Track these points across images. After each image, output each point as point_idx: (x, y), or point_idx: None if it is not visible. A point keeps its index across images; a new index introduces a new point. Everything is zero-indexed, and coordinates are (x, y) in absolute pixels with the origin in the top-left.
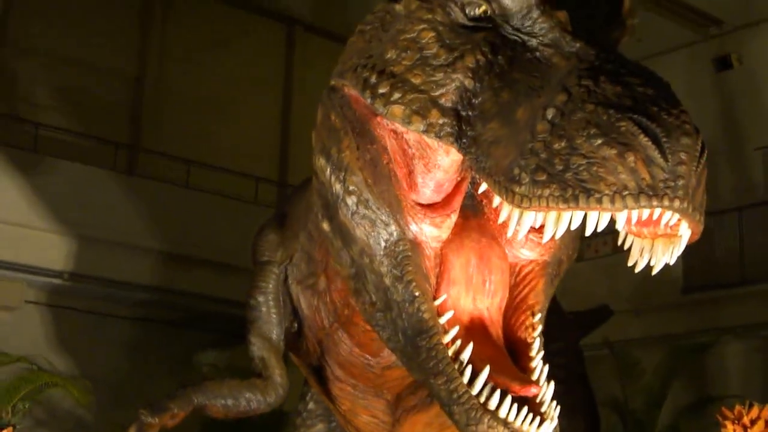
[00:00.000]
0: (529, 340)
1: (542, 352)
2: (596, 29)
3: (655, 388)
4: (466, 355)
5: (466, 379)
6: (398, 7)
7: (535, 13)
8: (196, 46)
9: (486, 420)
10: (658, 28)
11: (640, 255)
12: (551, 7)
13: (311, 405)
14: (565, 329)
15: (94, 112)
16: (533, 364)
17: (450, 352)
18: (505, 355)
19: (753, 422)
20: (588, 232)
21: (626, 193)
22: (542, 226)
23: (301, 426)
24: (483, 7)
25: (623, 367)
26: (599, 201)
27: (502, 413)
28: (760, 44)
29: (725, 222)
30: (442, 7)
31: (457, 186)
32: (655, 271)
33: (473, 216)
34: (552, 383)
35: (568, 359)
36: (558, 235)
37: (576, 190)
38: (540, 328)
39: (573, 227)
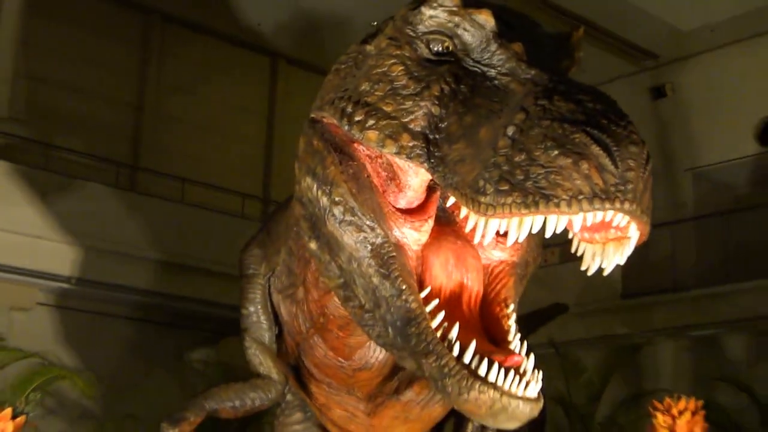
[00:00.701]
0: (505, 327)
1: (519, 335)
2: (547, 59)
3: (595, 383)
4: (453, 334)
5: (455, 353)
6: (369, 48)
7: (493, 47)
8: (190, 77)
9: (477, 386)
10: (601, 60)
11: (592, 259)
12: (507, 40)
13: (289, 397)
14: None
15: (99, 136)
16: (512, 346)
17: (439, 334)
18: (487, 340)
19: (680, 413)
20: (548, 234)
21: (581, 197)
22: (507, 232)
23: (281, 415)
24: (446, 43)
25: (567, 365)
26: (557, 205)
27: (491, 378)
28: (691, 76)
29: (659, 235)
30: (409, 44)
31: (432, 195)
32: (606, 272)
33: (447, 224)
34: (532, 356)
35: None
36: (521, 239)
37: (536, 196)
38: (514, 317)
39: (534, 231)
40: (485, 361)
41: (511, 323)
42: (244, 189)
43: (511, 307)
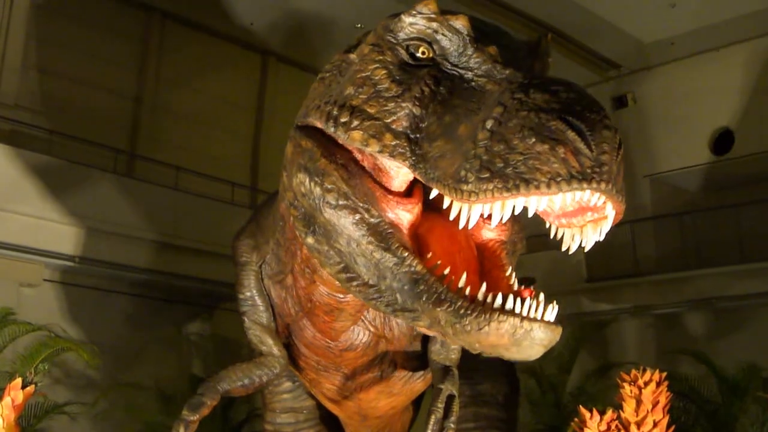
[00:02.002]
0: (509, 279)
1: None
2: (521, 62)
3: (565, 356)
4: (462, 282)
5: (467, 292)
6: (352, 56)
7: (470, 50)
8: (186, 71)
9: (496, 316)
10: (566, 69)
11: (572, 239)
12: (483, 43)
13: None
14: None
15: (100, 124)
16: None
17: (449, 284)
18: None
19: (646, 384)
20: (530, 214)
21: (560, 179)
22: (491, 215)
23: (271, 384)
24: (425, 48)
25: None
26: (537, 187)
27: (509, 306)
28: (652, 86)
29: (620, 232)
30: (390, 49)
31: (418, 183)
32: (587, 249)
33: (437, 211)
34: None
35: None
36: (504, 219)
37: (516, 180)
38: (514, 275)
39: (516, 212)
40: (499, 295)
41: (512, 275)
42: (233, 178)
43: (509, 269)
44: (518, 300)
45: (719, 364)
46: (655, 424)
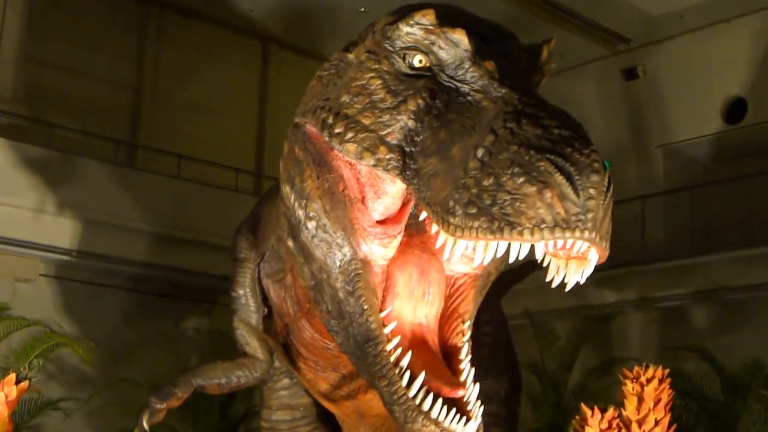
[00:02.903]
0: (459, 345)
1: (470, 356)
2: (519, 76)
3: (567, 352)
4: (405, 362)
5: (404, 382)
6: (350, 56)
7: (467, 64)
8: (186, 59)
9: (420, 419)
10: (577, 44)
11: (557, 273)
12: (480, 58)
13: (276, 363)
14: (492, 302)
15: (99, 115)
16: (462, 366)
17: (392, 359)
18: (440, 359)
19: (648, 381)
20: (512, 260)
21: (544, 226)
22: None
23: (269, 380)
24: (422, 59)
25: (540, 335)
26: (521, 233)
27: (434, 414)
28: (662, 58)
29: (630, 209)
30: (387, 58)
31: (403, 208)
32: (568, 288)
33: (417, 234)
34: (477, 384)
35: (495, 328)
36: (486, 262)
37: (502, 222)
38: (469, 333)
39: (498, 255)
40: (430, 396)
41: (465, 341)
42: (237, 164)
43: (468, 323)
44: (444, 410)
45: (723, 361)
46: (656, 423)
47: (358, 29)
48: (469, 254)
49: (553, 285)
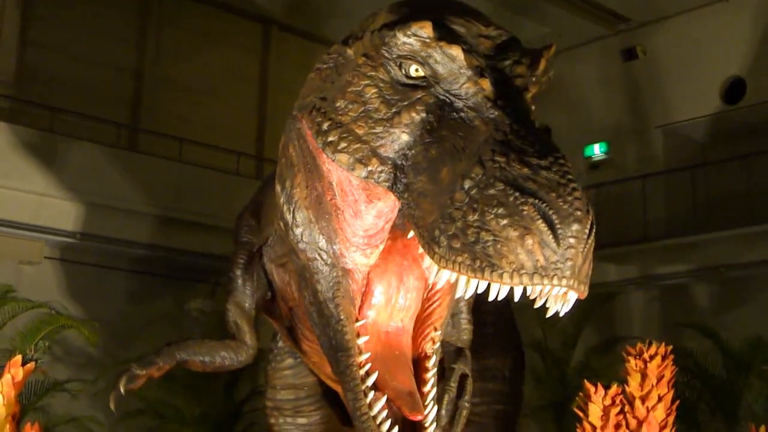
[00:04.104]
0: (428, 352)
1: (436, 368)
2: (514, 95)
3: (570, 330)
4: (371, 380)
5: (368, 400)
6: (350, 52)
7: (462, 79)
8: (187, 43)
9: None
10: (576, 24)
11: (540, 297)
12: (475, 74)
13: (280, 343)
14: None
15: (101, 99)
16: (428, 375)
17: (361, 373)
18: (409, 368)
19: (651, 357)
20: (491, 298)
21: (523, 271)
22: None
23: (273, 360)
24: (419, 68)
25: (543, 313)
26: (501, 276)
27: None
28: (661, 38)
29: (631, 188)
30: (383, 65)
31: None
32: (548, 315)
33: (401, 235)
34: (436, 407)
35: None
36: (467, 296)
37: (483, 263)
38: (439, 343)
39: (479, 291)
40: (388, 422)
41: (435, 348)
42: (238, 148)
43: (439, 332)
44: None
45: (725, 338)
46: (659, 399)
47: (358, 12)
48: (452, 282)
49: (536, 305)
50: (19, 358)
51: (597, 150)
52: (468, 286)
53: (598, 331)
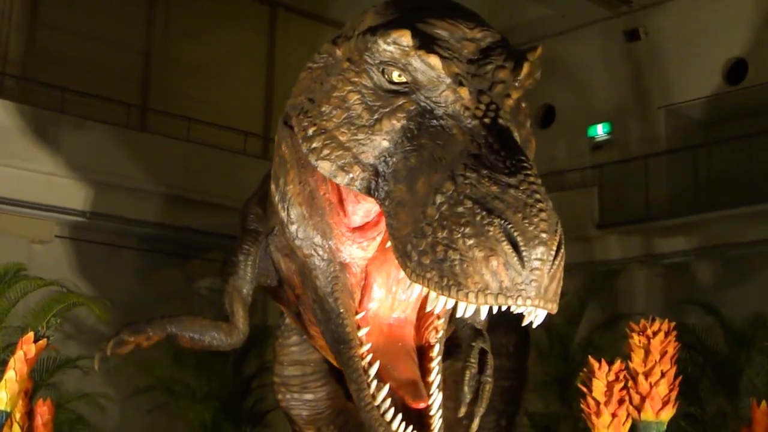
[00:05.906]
0: (432, 342)
1: (440, 356)
2: (493, 103)
3: (574, 307)
4: (374, 370)
5: (372, 390)
6: (339, 52)
7: (442, 87)
8: (196, 23)
9: (381, 429)
10: (579, 6)
11: (516, 306)
12: (454, 83)
13: (287, 320)
14: None
15: (111, 79)
16: (432, 365)
17: (363, 363)
18: (413, 358)
19: (655, 334)
20: (459, 315)
21: (488, 292)
22: None
23: (280, 336)
24: (400, 75)
25: None
26: (466, 296)
27: (394, 426)
28: (663, 20)
29: (633, 168)
30: (366, 71)
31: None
32: (524, 324)
33: None
34: (441, 394)
35: None
36: (437, 311)
37: (450, 281)
38: (443, 331)
39: (448, 307)
40: (392, 410)
41: (439, 338)
42: (246, 127)
43: (442, 320)
44: (403, 425)
45: (726, 315)
46: (662, 375)
47: None
48: (423, 295)
49: (515, 310)
50: (31, 335)
51: (600, 130)
52: (437, 301)
53: (602, 308)
